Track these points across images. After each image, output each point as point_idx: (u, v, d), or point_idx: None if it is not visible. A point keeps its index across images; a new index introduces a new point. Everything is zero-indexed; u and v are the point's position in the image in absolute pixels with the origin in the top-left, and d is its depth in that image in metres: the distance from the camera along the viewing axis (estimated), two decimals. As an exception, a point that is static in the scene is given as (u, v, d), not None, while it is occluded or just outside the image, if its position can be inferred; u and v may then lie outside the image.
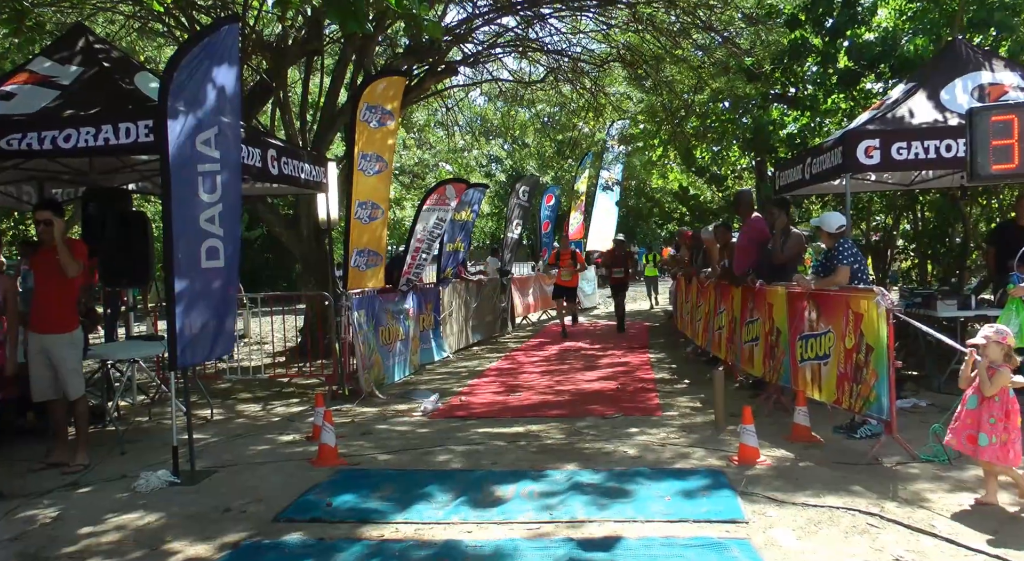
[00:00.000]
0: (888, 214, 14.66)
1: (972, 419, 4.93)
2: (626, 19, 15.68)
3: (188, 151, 6.07)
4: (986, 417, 4.85)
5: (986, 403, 4.88)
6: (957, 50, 9.43)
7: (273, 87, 13.85)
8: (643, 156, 22.43)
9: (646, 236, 44.42)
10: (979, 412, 4.90)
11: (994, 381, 4.84)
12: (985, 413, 4.86)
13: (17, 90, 7.25)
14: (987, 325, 5.12)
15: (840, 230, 7.43)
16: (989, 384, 4.85)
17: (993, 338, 4.91)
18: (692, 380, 10.35)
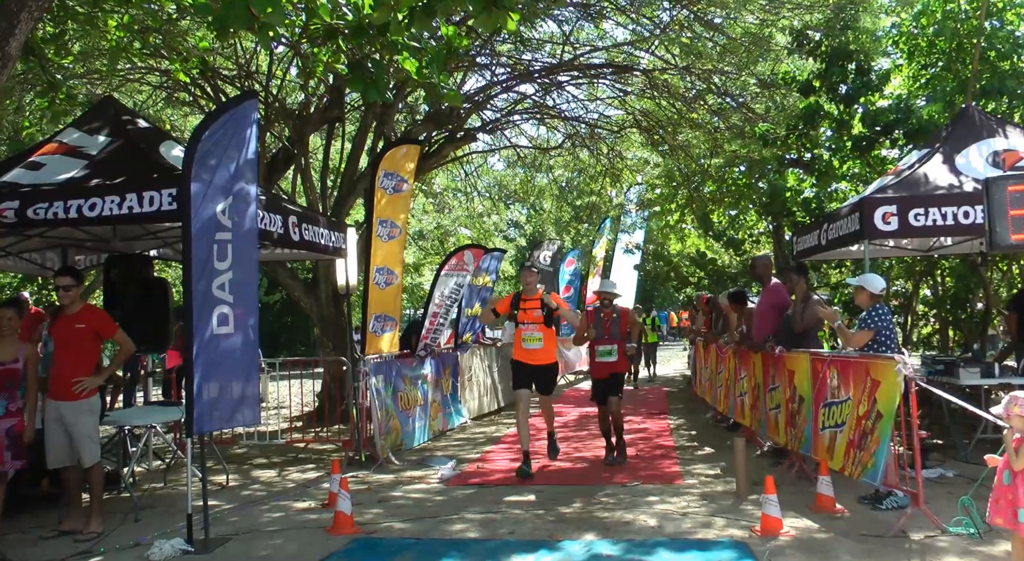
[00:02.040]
0: (908, 279, 14.58)
1: (1011, 494, 4.76)
2: (642, 85, 15.94)
3: (208, 219, 6.17)
4: (1022, 491, 4.69)
5: (1020, 476, 4.73)
6: (970, 116, 9.48)
7: (295, 153, 14.10)
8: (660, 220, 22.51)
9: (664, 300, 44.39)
10: (1014, 487, 4.74)
11: (1020, 453, 4.71)
12: (1021, 487, 4.71)
13: (46, 160, 7.42)
14: (1010, 394, 5.01)
15: (882, 292, 7.36)
16: (1015, 457, 4.72)
17: (1017, 411, 4.80)
18: (712, 447, 10.21)
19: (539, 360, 8.99)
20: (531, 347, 8.94)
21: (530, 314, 8.89)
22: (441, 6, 5.75)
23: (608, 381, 9.26)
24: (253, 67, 14.65)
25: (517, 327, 9.05)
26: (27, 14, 5.45)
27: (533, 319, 8.89)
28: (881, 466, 5.98)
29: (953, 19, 12.46)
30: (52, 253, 9.33)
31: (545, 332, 8.94)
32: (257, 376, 6.82)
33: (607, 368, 9.23)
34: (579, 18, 15.17)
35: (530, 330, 8.92)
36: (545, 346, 8.99)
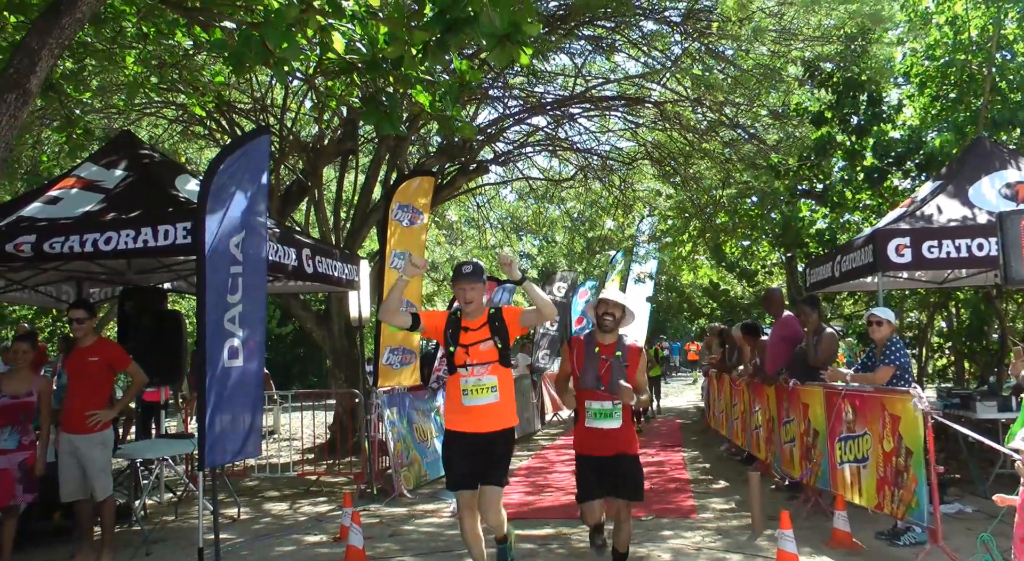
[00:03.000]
0: (922, 311, 14.49)
1: None
2: (654, 117, 16.01)
3: (222, 252, 6.21)
4: None
5: None
6: (982, 148, 9.47)
7: (309, 186, 14.20)
8: (673, 251, 22.50)
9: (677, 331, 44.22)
10: None
11: None
12: None
13: (63, 195, 7.50)
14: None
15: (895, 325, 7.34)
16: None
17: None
18: (727, 480, 10.11)
19: (490, 424, 5.43)
20: (477, 403, 5.39)
21: (475, 350, 5.39)
22: (454, 40, 5.80)
23: (607, 464, 5.58)
24: (268, 101, 14.82)
25: (454, 372, 5.44)
26: (48, 52, 5.54)
27: (481, 357, 5.38)
28: (925, 505, 5.89)
29: (964, 50, 12.48)
30: (67, 286, 9.40)
31: (501, 375, 5.44)
32: (262, 408, 6.83)
33: (605, 440, 5.58)
34: (591, 51, 15.30)
35: (476, 375, 5.37)
36: (501, 400, 5.43)
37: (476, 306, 5.42)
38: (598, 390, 5.50)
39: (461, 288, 5.39)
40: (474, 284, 5.39)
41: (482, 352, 5.35)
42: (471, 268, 5.41)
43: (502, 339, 5.38)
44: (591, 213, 23.37)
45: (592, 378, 5.50)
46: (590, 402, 5.56)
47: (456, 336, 5.42)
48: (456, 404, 5.42)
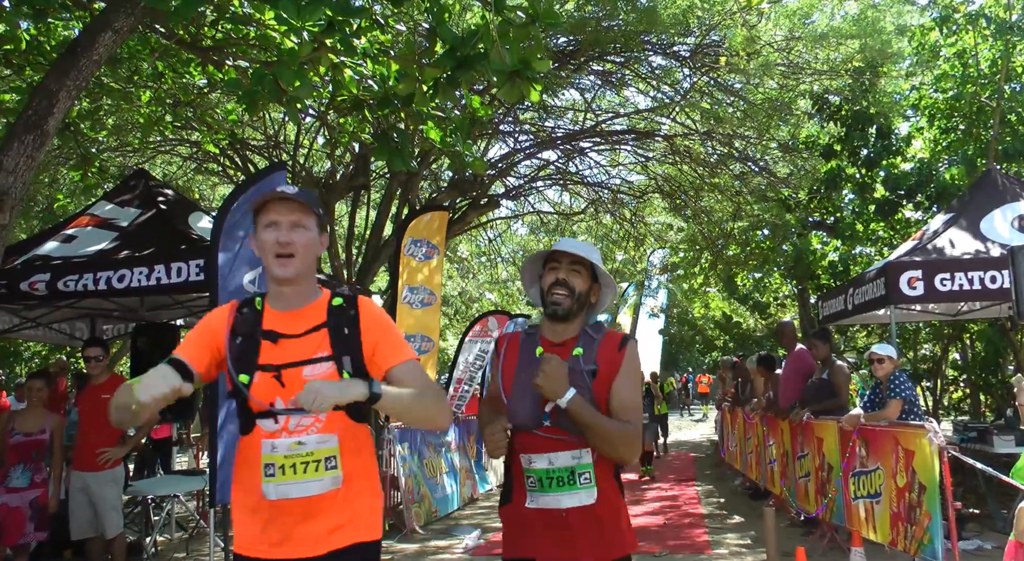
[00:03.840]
0: (936, 344, 14.41)
1: None
2: (663, 151, 16.07)
3: (235, 288, 6.24)
4: None
5: None
6: (993, 180, 9.48)
7: (321, 221, 14.28)
8: (685, 284, 22.51)
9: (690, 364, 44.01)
10: None
11: None
12: None
13: (78, 233, 7.59)
14: None
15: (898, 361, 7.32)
16: None
17: None
18: (742, 515, 10.01)
19: (323, 539, 2.65)
20: (294, 493, 2.63)
21: (293, 378, 2.64)
22: (465, 77, 5.86)
23: None
24: (281, 137, 14.96)
25: (250, 427, 2.71)
26: (65, 93, 5.63)
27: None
28: (939, 542, 5.82)
29: (973, 83, 12.54)
30: (81, 323, 9.46)
31: (348, 433, 2.73)
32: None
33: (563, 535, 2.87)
34: (601, 86, 15.41)
35: (296, 433, 2.64)
36: (349, 484, 2.70)
37: (300, 273, 2.69)
38: (539, 431, 2.88)
39: (271, 221, 2.69)
40: (294, 212, 2.69)
41: (299, 379, 2.62)
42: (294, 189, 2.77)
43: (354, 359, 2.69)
44: (602, 246, 23.41)
45: (529, 406, 2.90)
46: (529, 456, 2.89)
47: (251, 352, 2.68)
48: (249, 493, 2.74)
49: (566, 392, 2.78)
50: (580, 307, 2.98)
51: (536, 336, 3.06)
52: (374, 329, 2.73)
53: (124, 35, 6.03)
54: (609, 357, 2.92)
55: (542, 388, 2.80)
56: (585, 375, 2.87)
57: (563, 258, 2.99)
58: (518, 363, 3.02)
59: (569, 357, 2.91)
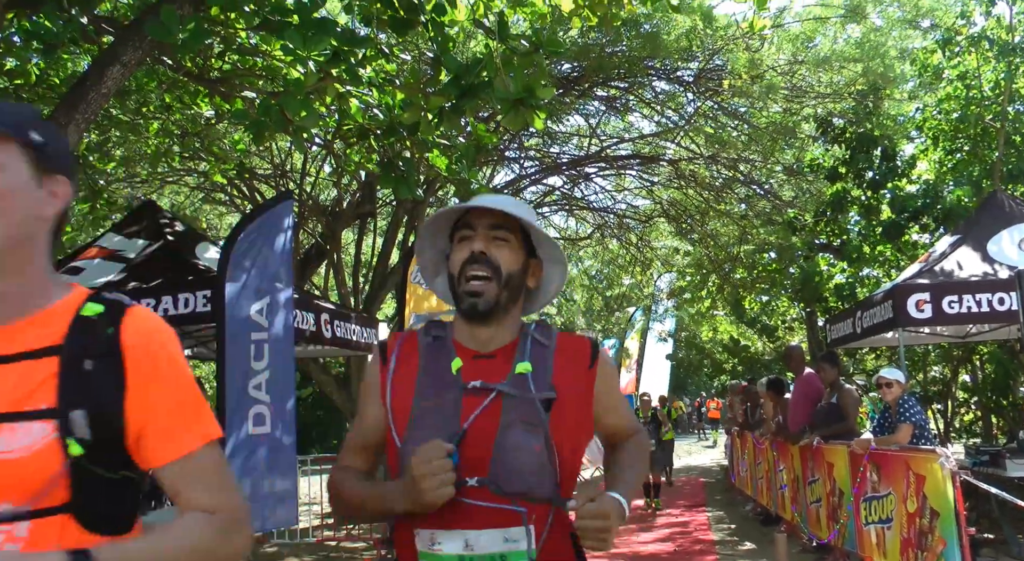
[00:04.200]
0: (946, 366, 14.34)
1: None
2: (669, 175, 16.14)
3: (243, 319, 6.26)
4: None
5: None
6: (999, 201, 9.47)
7: (327, 249, 14.34)
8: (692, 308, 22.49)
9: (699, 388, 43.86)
10: None
11: None
12: None
13: (86, 265, 7.63)
14: None
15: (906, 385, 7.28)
16: None
17: None
18: (753, 542, 9.91)
19: None
20: None
21: None
22: (469, 105, 5.91)
23: None
24: (288, 166, 15.06)
25: None
26: (74, 126, 5.67)
27: None
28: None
29: (976, 104, 12.57)
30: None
31: None
32: (295, 475, 6.78)
33: None
34: (605, 111, 15.51)
35: None
36: None
37: None
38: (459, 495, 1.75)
39: None
40: None
41: None
42: None
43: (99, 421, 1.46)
44: (609, 271, 23.44)
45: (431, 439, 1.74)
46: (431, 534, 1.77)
47: None
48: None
49: None
50: (513, 296, 1.91)
51: (447, 340, 1.93)
52: (150, 374, 1.48)
53: (132, 68, 6.09)
54: (572, 376, 1.90)
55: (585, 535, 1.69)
56: (538, 408, 1.80)
57: (479, 221, 1.90)
58: (418, 382, 1.87)
59: (507, 376, 1.84)
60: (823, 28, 13.60)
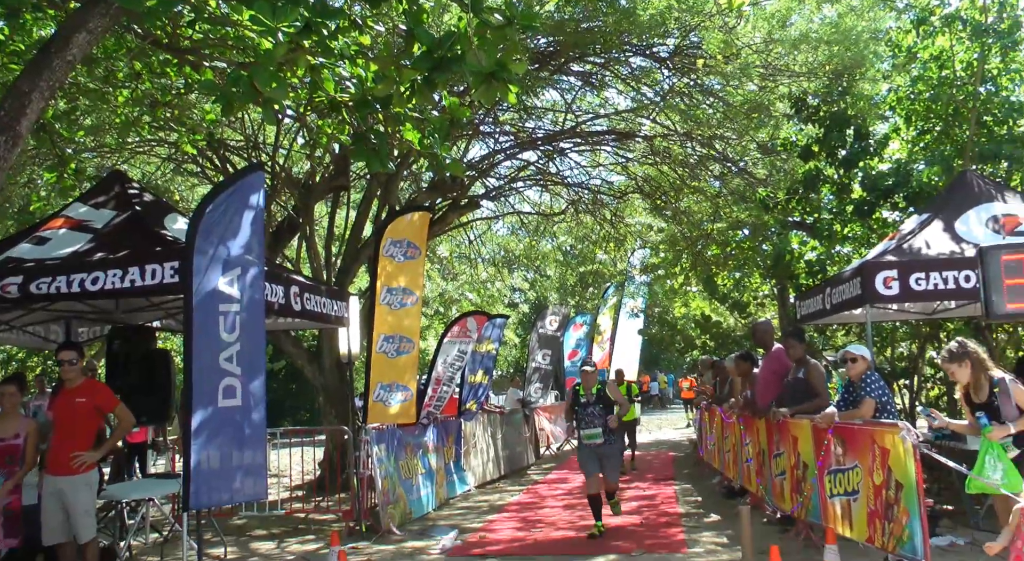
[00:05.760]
0: (913, 342, 14.52)
1: None
2: (643, 152, 16.15)
3: (211, 291, 6.22)
4: None
5: None
6: (969, 181, 9.56)
7: (300, 222, 14.25)
8: (664, 284, 22.59)
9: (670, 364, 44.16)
10: None
11: None
12: None
13: (51, 235, 7.53)
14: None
15: None
16: None
17: None
18: (719, 514, 10.05)
19: None
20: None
21: None
22: (442, 79, 5.87)
23: None
24: (260, 138, 14.90)
25: None
26: (38, 94, 5.58)
27: None
28: (919, 539, 5.86)
29: (949, 85, 12.64)
30: (56, 326, 9.38)
31: None
32: (264, 449, 6.78)
33: None
34: (581, 87, 15.46)
35: None
36: None
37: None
38: None
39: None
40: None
41: None
42: None
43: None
44: (582, 247, 23.47)
45: None
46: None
47: None
48: None
49: None
50: None
51: None
52: None
53: (99, 35, 6.00)
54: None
55: None
56: None
57: None
58: None
59: None
60: (799, 7, 13.60)
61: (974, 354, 5.86)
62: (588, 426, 8.91)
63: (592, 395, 9.00)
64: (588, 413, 8.95)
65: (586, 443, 8.98)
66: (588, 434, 8.89)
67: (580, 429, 9.03)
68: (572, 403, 9.24)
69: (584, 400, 9.00)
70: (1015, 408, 5.71)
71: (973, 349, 5.89)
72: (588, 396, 9.00)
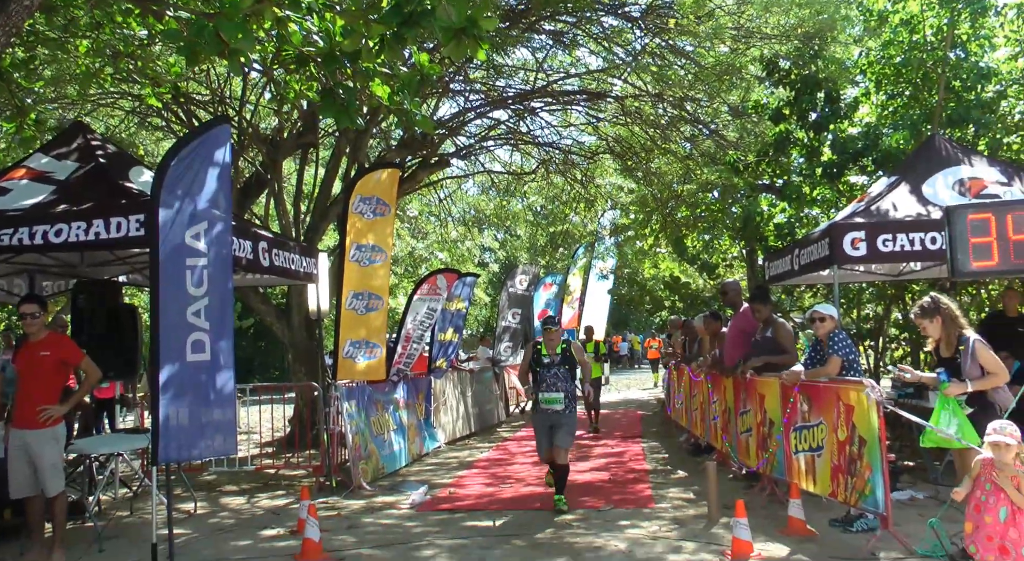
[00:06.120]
0: (879, 304, 14.72)
1: (1005, 530, 4.73)
2: (615, 112, 16.09)
3: (178, 244, 6.14)
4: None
5: (1020, 513, 4.70)
6: (937, 145, 9.64)
7: (268, 179, 14.08)
8: (634, 245, 22.65)
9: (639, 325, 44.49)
10: (1014, 523, 4.72)
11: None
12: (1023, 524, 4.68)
13: (13, 186, 7.36)
14: (995, 424, 4.98)
15: None
16: (1022, 496, 4.68)
17: (1010, 442, 4.76)
18: (686, 471, 10.20)
19: None
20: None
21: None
22: (411, 34, 5.78)
23: None
24: (227, 92, 14.64)
25: None
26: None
27: None
28: (880, 493, 5.99)
29: (919, 50, 12.68)
30: (19, 279, 9.23)
31: None
32: (234, 404, 6.75)
33: None
34: (552, 46, 15.33)
35: None
36: None
37: None
38: None
39: None
40: None
41: None
42: None
43: None
44: (553, 207, 23.44)
45: None
46: None
47: None
48: None
49: None
50: None
51: None
52: None
53: (57, -19, 5.83)
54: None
55: None
56: None
57: None
58: None
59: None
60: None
61: (946, 310, 5.97)
62: (550, 389, 8.17)
63: (556, 355, 8.28)
64: (551, 375, 8.20)
65: (544, 407, 8.22)
66: (548, 398, 8.16)
67: (539, 392, 8.25)
68: (532, 363, 8.38)
69: (547, 360, 8.25)
70: (978, 368, 5.82)
71: (945, 305, 5.99)
72: (552, 356, 8.25)
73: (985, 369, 5.82)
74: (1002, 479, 4.75)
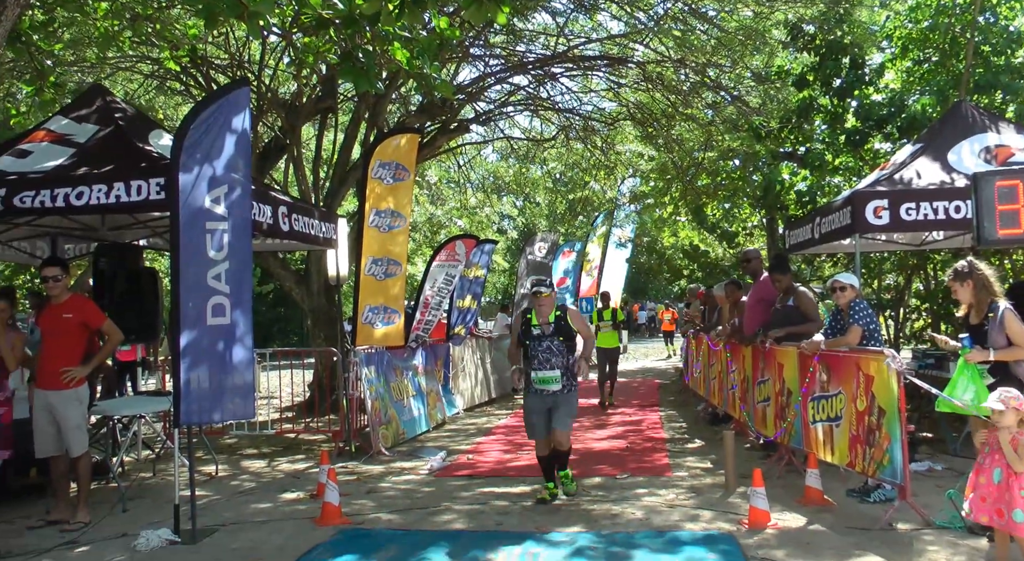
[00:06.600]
0: (900, 273, 14.60)
1: (1000, 492, 4.72)
2: (636, 78, 15.91)
3: (198, 209, 6.15)
4: (1017, 490, 4.64)
5: (1015, 477, 4.68)
6: (963, 112, 9.46)
7: (287, 144, 14.05)
8: (654, 214, 22.53)
9: (657, 293, 44.39)
10: (1007, 486, 4.70)
11: (1021, 453, 4.65)
12: (1016, 487, 4.66)
13: (33, 148, 7.37)
14: (997, 391, 4.96)
15: None
16: (1017, 458, 4.65)
17: (1012, 405, 4.73)
18: (704, 440, 10.22)
19: None
20: None
21: None
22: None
23: None
24: (245, 56, 14.59)
25: None
26: (13, 1, 5.40)
27: None
28: (898, 463, 5.95)
29: (947, 14, 12.44)
30: (41, 242, 9.29)
31: None
32: (253, 368, 6.78)
33: None
34: (573, 10, 15.13)
35: None
36: None
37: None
38: None
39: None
40: None
41: None
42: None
43: None
44: (572, 174, 23.31)
45: None
46: None
47: None
48: None
49: None
50: None
51: None
52: None
53: (76, -59, 5.79)
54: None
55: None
56: None
57: None
58: None
59: None
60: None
61: (980, 274, 5.82)
62: (543, 367, 6.94)
63: (548, 325, 7.04)
64: (544, 349, 6.96)
65: (538, 388, 7.01)
66: (542, 377, 6.93)
67: (532, 370, 7.02)
68: (521, 336, 7.17)
69: (538, 332, 7.02)
70: (1004, 337, 5.74)
71: (980, 270, 5.85)
72: (543, 326, 7.02)
73: (1012, 340, 5.73)
74: (1001, 440, 4.73)
